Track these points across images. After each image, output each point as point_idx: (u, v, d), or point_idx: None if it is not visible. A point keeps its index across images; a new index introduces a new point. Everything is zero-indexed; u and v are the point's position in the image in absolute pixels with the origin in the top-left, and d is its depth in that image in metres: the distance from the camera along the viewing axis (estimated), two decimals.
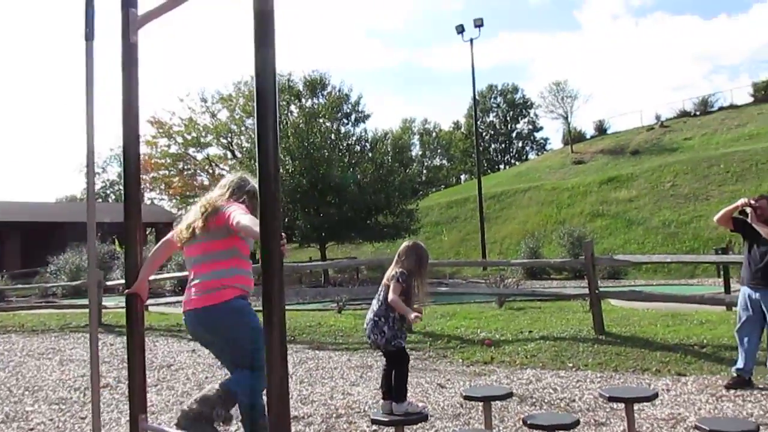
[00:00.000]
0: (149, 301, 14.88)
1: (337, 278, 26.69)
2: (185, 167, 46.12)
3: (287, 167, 26.20)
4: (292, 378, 6.86)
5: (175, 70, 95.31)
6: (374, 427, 4.62)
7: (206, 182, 45.25)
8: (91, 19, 2.24)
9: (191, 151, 45.92)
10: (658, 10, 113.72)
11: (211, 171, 46.33)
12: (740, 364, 5.58)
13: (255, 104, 1.63)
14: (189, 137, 44.82)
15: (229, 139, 45.55)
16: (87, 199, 2.32)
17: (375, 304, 4.34)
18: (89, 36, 2.23)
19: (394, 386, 4.26)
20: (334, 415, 5.25)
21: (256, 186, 1.56)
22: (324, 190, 26.65)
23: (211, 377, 6.96)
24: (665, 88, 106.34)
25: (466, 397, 4.44)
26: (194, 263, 3.57)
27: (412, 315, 4.12)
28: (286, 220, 26.24)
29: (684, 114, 45.93)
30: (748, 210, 5.56)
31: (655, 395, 4.17)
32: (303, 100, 32.85)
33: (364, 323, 4.45)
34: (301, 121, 28.47)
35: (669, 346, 7.15)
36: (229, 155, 46.18)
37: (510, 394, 4.45)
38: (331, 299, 13.55)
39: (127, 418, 3.33)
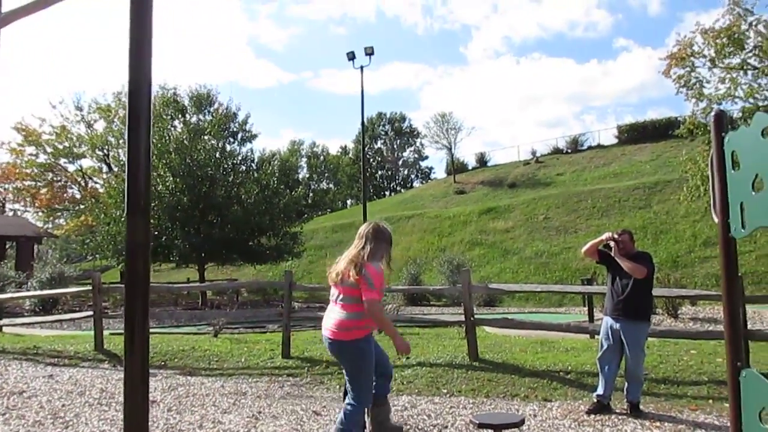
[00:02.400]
0: (4, 321, 13.64)
1: (216, 301, 25.83)
2: (55, 178, 43.06)
3: (168, 184, 25.17)
4: (159, 405, 6.50)
5: (51, 76, 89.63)
6: None
7: (78, 195, 42.46)
8: None
9: (63, 161, 43.00)
10: (537, 51, 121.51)
11: (83, 183, 43.55)
12: (600, 390, 5.91)
13: (127, 115, 1.56)
14: (61, 147, 41.96)
15: (105, 152, 43.13)
16: None
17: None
18: None
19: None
20: None
21: (390, 231, 2.31)
22: (206, 209, 25.83)
23: (69, 404, 6.45)
24: (541, 124, 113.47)
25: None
26: (338, 299, 4.59)
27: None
28: (164, 238, 25.13)
29: (557, 151, 48.98)
30: (612, 244, 5.96)
31: (522, 421, 4.32)
32: (188, 116, 31.87)
33: (242, 347, 4.38)
34: (185, 137, 27.54)
35: (537, 372, 7.47)
36: (105, 168, 43.70)
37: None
38: (208, 322, 13.04)
39: None
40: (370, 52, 27.25)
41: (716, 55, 25.99)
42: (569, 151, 48.19)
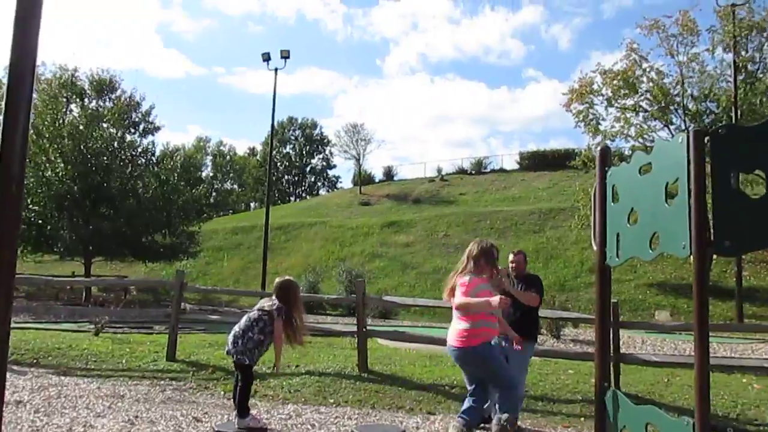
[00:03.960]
0: None
1: (101, 298, 24.56)
2: None
3: (58, 170, 23.76)
4: (26, 406, 6.07)
5: None
6: None
7: None
8: None
9: None
10: (451, 71, 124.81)
11: None
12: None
13: (5, 93, 1.47)
14: None
15: None
16: None
17: (244, 321, 4.98)
18: None
19: (237, 401, 4.75)
20: None
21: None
22: (98, 200, 24.58)
23: None
24: (449, 144, 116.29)
25: None
26: (458, 312, 5.12)
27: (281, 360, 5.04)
28: (49, 228, 23.69)
29: (462, 171, 50.40)
30: (505, 280, 5.99)
31: None
32: (87, 101, 30.28)
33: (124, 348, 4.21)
34: (81, 122, 26.13)
35: (424, 385, 7.59)
36: None
37: (264, 429, 4.37)
38: (89, 320, 12.36)
39: None
40: (285, 55, 27.05)
41: (612, 96, 27.77)
42: (473, 172, 49.71)
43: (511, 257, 6.26)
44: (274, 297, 4.97)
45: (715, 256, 2.03)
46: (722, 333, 14.88)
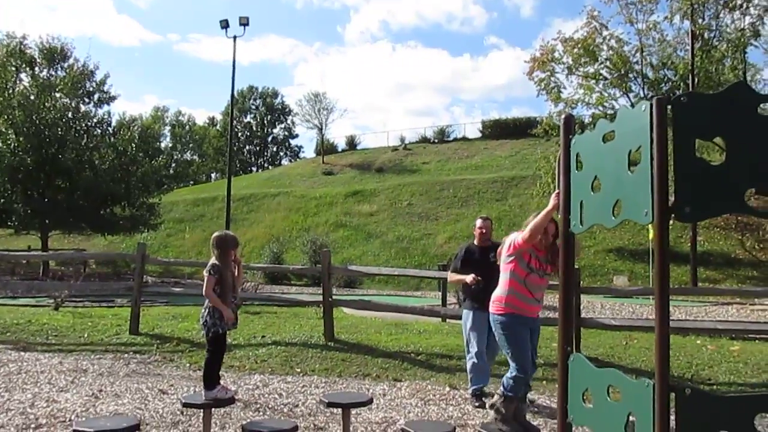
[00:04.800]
0: None
1: (60, 272, 24.05)
2: None
3: (9, 142, 22.96)
4: None
5: None
6: None
7: None
8: None
9: None
10: (413, 39, 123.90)
11: None
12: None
13: None
14: None
15: None
16: None
17: None
18: None
19: (203, 373, 4.57)
20: (33, 426, 4.66)
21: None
22: (53, 172, 23.90)
23: None
24: (411, 112, 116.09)
25: (186, 405, 4.26)
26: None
27: (228, 311, 4.51)
28: (2, 201, 23.00)
29: (425, 140, 50.37)
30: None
31: (370, 400, 4.42)
32: (37, 70, 29.17)
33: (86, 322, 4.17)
34: (32, 92, 25.20)
35: (390, 353, 7.68)
36: None
37: (232, 400, 4.37)
38: (48, 294, 12.11)
39: None
40: (244, 22, 26.39)
41: (573, 64, 27.97)
42: (436, 141, 49.73)
43: (479, 222, 6.02)
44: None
45: (671, 222, 2.09)
46: (677, 296, 15.35)
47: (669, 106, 2.01)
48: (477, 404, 5.64)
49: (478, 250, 5.88)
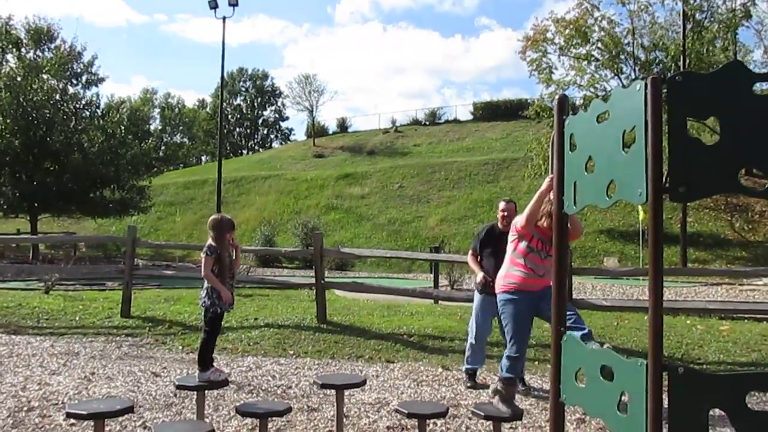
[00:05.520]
0: None
1: (50, 255, 23.93)
2: None
3: None
4: None
5: None
6: (71, 420, 4.17)
7: None
8: None
9: None
10: (404, 20, 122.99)
11: None
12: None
13: None
14: None
15: None
16: None
17: None
18: None
19: (197, 354, 4.57)
20: (25, 408, 4.65)
21: None
22: (41, 155, 23.68)
23: None
24: (403, 94, 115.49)
25: (180, 387, 4.26)
26: None
27: (226, 292, 4.53)
28: None
29: (416, 122, 50.20)
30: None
31: (364, 382, 4.43)
32: (24, 51, 28.78)
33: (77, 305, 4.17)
34: (19, 74, 24.88)
35: (382, 334, 7.71)
36: None
37: (226, 382, 4.38)
38: (38, 278, 12.05)
39: None
40: (234, 2, 26.05)
41: (565, 44, 27.88)
42: (427, 123, 49.58)
43: (502, 205, 5.74)
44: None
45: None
46: (667, 277, 15.44)
47: (664, 86, 2.00)
48: (469, 384, 5.69)
49: (499, 233, 5.60)
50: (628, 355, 6.03)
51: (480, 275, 5.66)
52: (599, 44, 27.45)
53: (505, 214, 5.61)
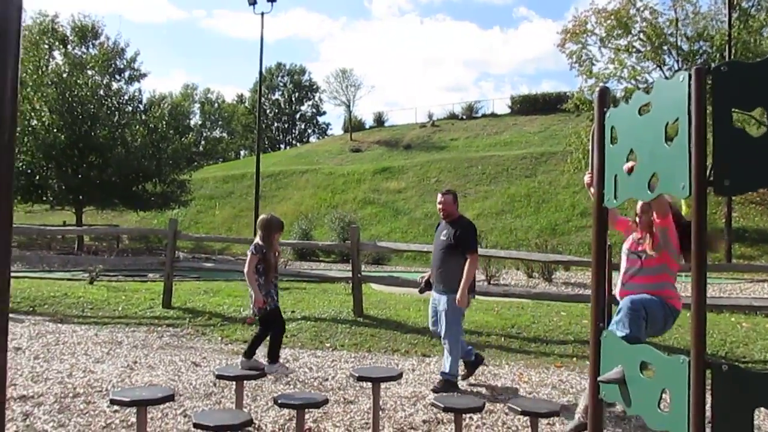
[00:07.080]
0: None
1: (94, 246, 24.58)
2: None
3: (43, 119, 23.41)
4: (25, 353, 6.15)
5: None
6: (114, 407, 4.29)
7: None
8: None
9: None
10: (442, 12, 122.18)
11: None
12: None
13: None
14: None
15: None
16: None
17: None
18: None
19: (267, 348, 4.82)
20: (71, 395, 4.80)
21: None
22: (86, 149, 24.30)
23: None
24: (440, 88, 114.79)
25: (219, 376, 4.34)
26: None
27: (259, 295, 4.68)
28: (38, 177, 23.50)
29: (453, 116, 49.91)
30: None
31: (400, 375, 4.44)
32: (70, 48, 29.54)
33: (120, 296, 4.33)
34: (65, 70, 25.55)
35: (418, 329, 7.71)
36: None
37: (263, 373, 4.44)
38: (83, 269, 12.40)
39: None
40: None
41: (606, 36, 27.34)
42: (464, 117, 49.25)
43: (439, 197, 5.65)
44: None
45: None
46: (711, 273, 15.09)
47: (708, 76, 1.95)
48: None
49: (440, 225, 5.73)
50: (669, 352, 5.91)
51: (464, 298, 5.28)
52: (641, 35, 26.84)
53: (441, 206, 5.63)
